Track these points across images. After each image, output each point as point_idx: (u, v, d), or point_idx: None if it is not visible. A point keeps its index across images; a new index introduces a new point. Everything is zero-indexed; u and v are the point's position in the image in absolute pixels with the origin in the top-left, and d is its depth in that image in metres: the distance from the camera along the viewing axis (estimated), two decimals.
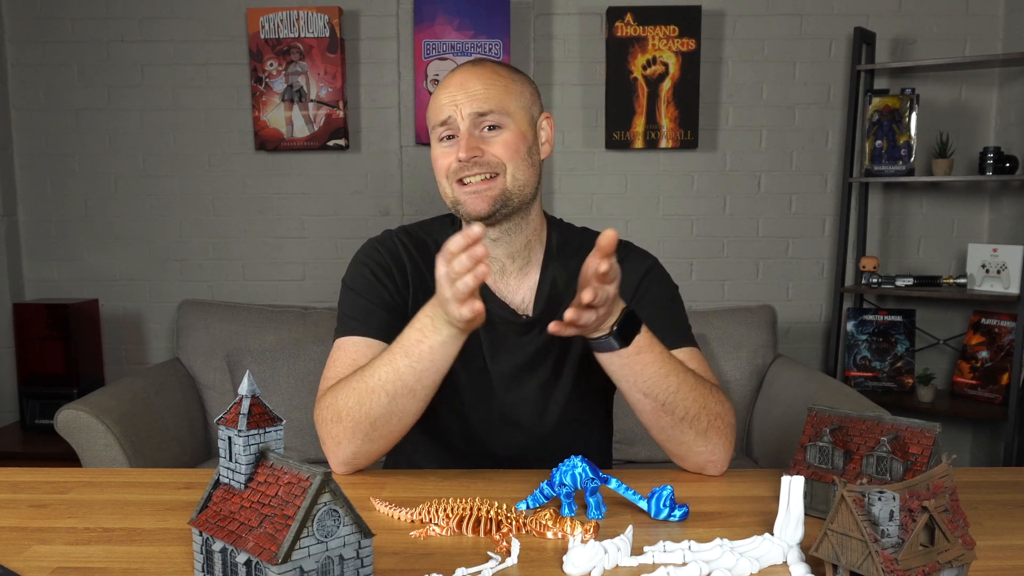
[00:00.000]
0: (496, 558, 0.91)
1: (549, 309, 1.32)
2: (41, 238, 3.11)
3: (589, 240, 1.38)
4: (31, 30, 3.01)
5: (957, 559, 0.79)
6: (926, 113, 2.99)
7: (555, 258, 1.35)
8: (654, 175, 3.09)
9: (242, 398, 0.79)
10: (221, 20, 3.00)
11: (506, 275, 1.34)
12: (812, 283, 3.15)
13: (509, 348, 1.32)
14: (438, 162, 1.28)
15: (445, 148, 1.27)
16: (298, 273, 3.12)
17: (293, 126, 3.00)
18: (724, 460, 1.22)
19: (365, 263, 1.34)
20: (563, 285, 1.34)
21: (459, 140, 1.24)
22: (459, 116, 1.24)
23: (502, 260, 1.33)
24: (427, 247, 1.35)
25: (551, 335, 1.29)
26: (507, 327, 1.32)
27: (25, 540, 0.98)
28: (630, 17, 2.94)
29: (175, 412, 2.61)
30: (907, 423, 1.00)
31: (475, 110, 1.24)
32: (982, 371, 2.92)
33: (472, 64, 1.30)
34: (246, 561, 0.74)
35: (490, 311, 1.32)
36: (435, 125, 1.27)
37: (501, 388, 1.32)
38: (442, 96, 1.26)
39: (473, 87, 1.25)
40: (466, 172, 1.24)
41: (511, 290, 1.34)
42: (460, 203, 1.27)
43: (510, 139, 1.26)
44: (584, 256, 1.34)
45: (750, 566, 0.88)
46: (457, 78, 1.27)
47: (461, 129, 1.24)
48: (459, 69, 1.30)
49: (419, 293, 1.31)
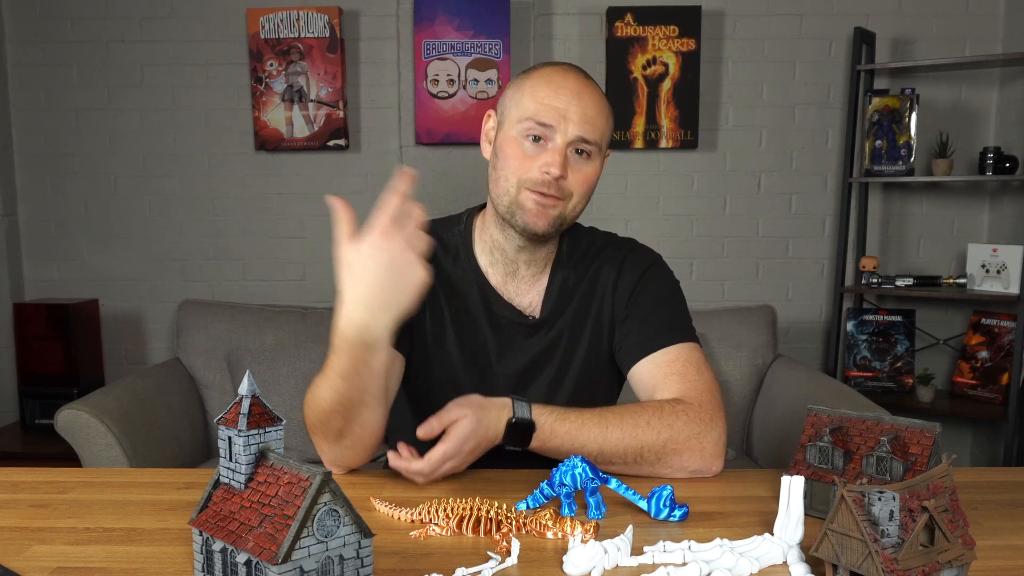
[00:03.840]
0: (496, 558, 0.91)
1: (557, 310, 1.32)
2: (41, 238, 3.11)
3: (599, 241, 1.39)
4: (31, 30, 3.01)
5: (957, 559, 0.79)
6: (926, 113, 2.99)
7: (565, 263, 1.35)
8: (654, 175, 3.09)
9: (242, 398, 0.79)
10: (221, 20, 3.00)
11: (517, 279, 1.33)
12: (812, 283, 3.15)
13: (516, 349, 1.32)
14: (515, 159, 1.22)
15: (529, 148, 1.22)
16: (298, 273, 3.12)
17: (293, 126, 3.00)
18: (708, 466, 1.20)
19: None
20: (572, 287, 1.33)
21: (550, 151, 1.20)
22: (563, 131, 1.20)
23: (518, 264, 1.32)
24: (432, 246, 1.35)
25: (557, 334, 1.30)
26: (514, 328, 1.32)
27: (25, 540, 0.98)
28: (630, 17, 2.94)
29: (175, 412, 2.61)
30: (907, 423, 1.00)
31: (582, 135, 1.20)
32: (982, 371, 2.92)
33: (582, 76, 1.25)
34: (246, 561, 0.74)
35: (497, 313, 1.32)
36: (527, 118, 1.21)
37: (507, 389, 1.31)
38: (550, 95, 1.21)
39: (587, 106, 1.21)
40: (542, 187, 1.21)
41: (520, 293, 1.33)
42: (522, 208, 1.23)
43: (591, 174, 1.25)
44: (592, 259, 1.34)
45: (750, 566, 0.88)
46: (572, 85, 1.22)
47: (557, 143, 1.20)
48: (569, 75, 1.24)
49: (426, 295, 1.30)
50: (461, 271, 1.33)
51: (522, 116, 1.22)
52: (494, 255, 1.32)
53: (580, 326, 1.33)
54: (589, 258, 1.36)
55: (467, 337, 1.32)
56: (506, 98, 1.27)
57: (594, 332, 1.33)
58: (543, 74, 1.24)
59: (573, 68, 1.26)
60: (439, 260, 1.32)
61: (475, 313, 1.32)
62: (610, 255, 1.36)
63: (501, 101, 1.29)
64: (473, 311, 1.32)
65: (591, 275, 1.34)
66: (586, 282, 1.34)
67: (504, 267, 1.32)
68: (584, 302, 1.34)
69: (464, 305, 1.32)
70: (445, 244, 1.35)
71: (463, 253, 1.34)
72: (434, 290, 1.29)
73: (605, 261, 1.35)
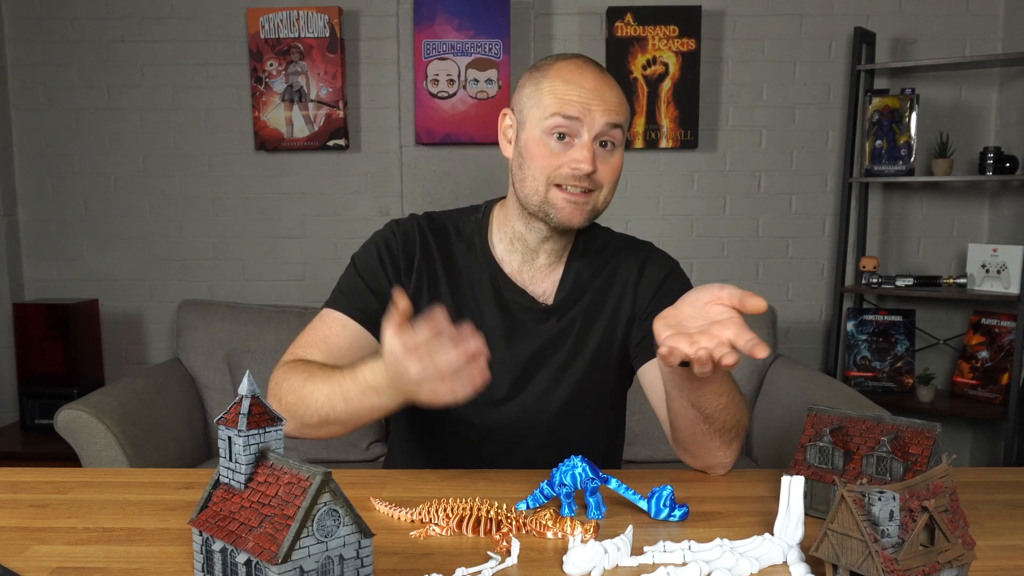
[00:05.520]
0: (496, 558, 0.91)
1: (571, 299, 1.33)
2: (41, 238, 3.11)
3: (616, 240, 1.42)
4: (31, 30, 3.02)
5: (957, 559, 0.79)
6: (926, 113, 2.99)
7: (581, 255, 1.36)
8: (654, 175, 3.09)
9: (242, 398, 0.79)
10: (221, 20, 3.00)
11: (534, 268, 1.34)
12: (812, 283, 3.15)
13: (527, 335, 1.33)
14: (543, 159, 1.23)
15: (555, 147, 1.22)
16: (298, 273, 3.12)
17: (293, 126, 3.00)
18: (732, 463, 1.25)
19: (375, 243, 1.34)
20: (588, 279, 1.35)
21: (578, 147, 1.21)
22: (589, 124, 1.21)
23: (538, 254, 1.33)
24: (446, 231, 1.36)
25: (569, 323, 1.30)
26: (525, 314, 1.33)
27: (25, 540, 0.98)
28: (630, 17, 2.94)
29: (175, 412, 2.61)
30: (907, 423, 1.00)
31: (609, 120, 1.21)
32: (982, 371, 2.92)
33: (599, 69, 1.25)
34: (246, 561, 0.74)
35: (508, 298, 1.33)
36: (552, 115, 1.21)
37: (514, 374, 1.32)
38: (571, 92, 1.21)
39: (608, 97, 1.22)
40: (572, 182, 1.22)
41: (535, 281, 1.34)
42: (554, 207, 1.24)
43: (618, 163, 1.26)
44: (611, 256, 1.37)
45: (750, 566, 0.88)
46: (591, 80, 1.22)
47: (584, 137, 1.21)
48: (587, 68, 1.24)
49: (422, 282, 1.31)
50: (474, 258, 1.34)
51: (545, 115, 1.22)
52: (513, 244, 1.33)
53: (593, 316, 1.35)
54: (607, 254, 1.38)
55: (471, 321, 1.32)
56: (523, 97, 1.27)
57: (609, 325, 1.35)
58: (559, 72, 1.24)
59: (587, 62, 1.27)
60: (449, 242, 1.34)
61: (483, 299, 1.33)
62: (629, 255, 1.38)
63: (517, 100, 1.29)
64: (481, 297, 1.33)
65: (609, 270, 1.36)
66: (603, 276, 1.36)
67: (523, 256, 1.33)
68: (600, 295, 1.35)
69: (472, 291, 1.33)
70: (459, 231, 1.36)
71: (477, 240, 1.35)
72: (434, 275, 1.32)
73: (624, 259, 1.37)
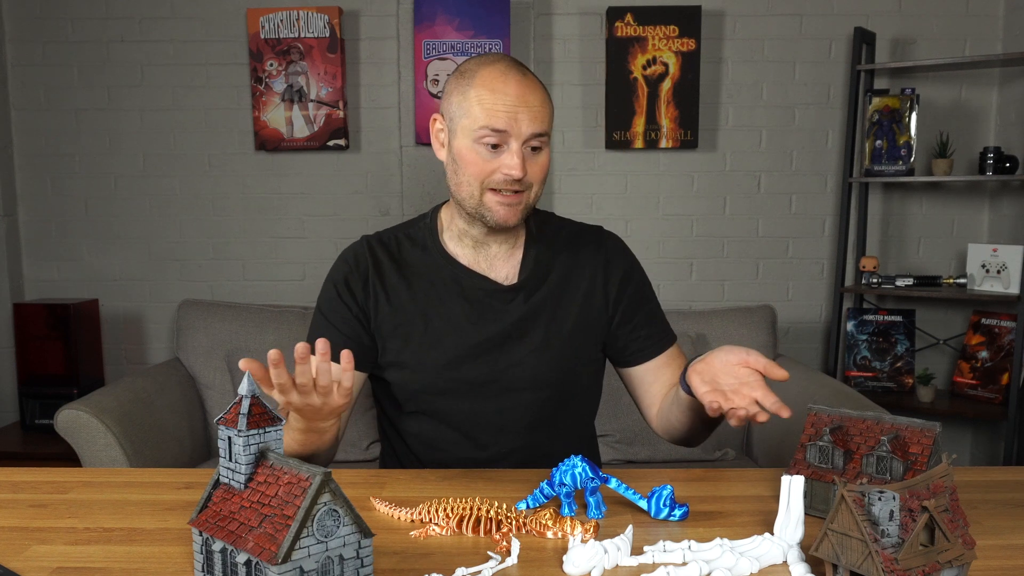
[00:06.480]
0: (496, 558, 0.91)
1: (534, 278, 1.38)
2: (41, 238, 3.11)
3: (569, 225, 1.48)
4: (31, 30, 3.01)
5: (957, 559, 0.79)
6: (926, 113, 2.99)
7: (537, 240, 1.41)
8: (654, 175, 3.09)
9: (242, 398, 0.80)
10: (221, 20, 3.00)
11: (490, 256, 1.38)
12: (812, 283, 3.15)
13: (493, 315, 1.36)
14: (475, 166, 1.27)
15: (486, 156, 1.27)
16: (298, 273, 3.12)
17: (293, 126, 3.00)
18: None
19: (332, 280, 1.41)
20: (548, 259, 1.40)
21: (508, 155, 1.25)
22: (517, 132, 1.25)
23: (489, 244, 1.38)
24: (397, 241, 1.42)
25: (540, 302, 1.37)
26: (490, 297, 1.37)
27: (25, 540, 0.98)
28: (630, 17, 2.94)
29: (175, 412, 2.61)
30: (907, 423, 1.00)
31: (534, 131, 1.26)
32: (982, 371, 2.92)
33: (521, 73, 1.28)
34: (246, 561, 0.74)
35: (469, 285, 1.37)
36: (481, 127, 1.25)
37: (488, 352, 1.36)
38: (498, 102, 1.24)
39: (532, 103, 1.26)
40: (505, 186, 1.27)
41: (494, 268, 1.38)
42: (489, 210, 1.29)
43: (545, 162, 1.31)
44: (569, 240, 1.43)
45: (750, 566, 0.88)
46: (514, 88, 1.25)
47: (513, 146, 1.25)
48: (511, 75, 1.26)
49: (379, 295, 1.37)
50: (430, 258, 1.39)
51: (474, 126, 1.26)
52: (463, 239, 1.38)
53: (565, 293, 1.39)
54: (563, 239, 1.43)
55: (434, 314, 1.37)
56: (452, 105, 1.30)
57: (585, 302, 1.39)
58: (484, 80, 1.26)
59: (510, 66, 1.29)
60: (400, 253, 1.40)
61: (445, 292, 1.37)
62: (587, 237, 1.44)
63: (446, 107, 1.32)
64: (443, 291, 1.37)
65: (571, 251, 1.42)
66: (566, 256, 1.41)
67: (474, 248, 1.38)
68: (567, 272, 1.40)
69: (433, 288, 1.37)
70: (412, 237, 1.42)
71: (430, 242, 1.40)
72: (388, 288, 1.37)
73: (584, 243, 1.43)
